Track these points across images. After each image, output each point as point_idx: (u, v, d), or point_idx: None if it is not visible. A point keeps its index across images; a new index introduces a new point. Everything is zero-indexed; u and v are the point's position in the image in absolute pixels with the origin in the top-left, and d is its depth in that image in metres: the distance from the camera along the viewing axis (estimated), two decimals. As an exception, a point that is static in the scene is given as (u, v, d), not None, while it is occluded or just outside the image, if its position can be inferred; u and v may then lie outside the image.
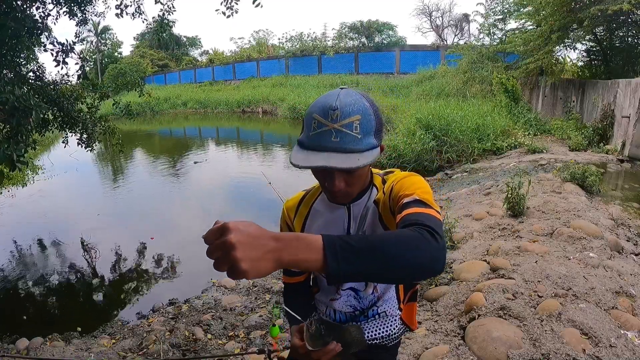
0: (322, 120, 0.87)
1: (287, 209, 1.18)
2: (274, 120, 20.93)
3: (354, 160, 0.85)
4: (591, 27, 9.08)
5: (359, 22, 25.35)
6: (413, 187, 0.94)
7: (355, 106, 0.88)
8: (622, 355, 2.02)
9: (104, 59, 38.30)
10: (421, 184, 0.96)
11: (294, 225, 1.15)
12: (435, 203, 0.92)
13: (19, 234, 6.18)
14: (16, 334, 3.44)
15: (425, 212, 0.84)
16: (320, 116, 0.88)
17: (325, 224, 1.09)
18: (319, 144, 0.87)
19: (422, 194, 0.91)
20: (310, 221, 1.12)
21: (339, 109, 0.86)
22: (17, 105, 3.00)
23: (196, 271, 4.80)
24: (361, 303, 1.14)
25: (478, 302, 2.58)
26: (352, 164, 0.84)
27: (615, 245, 3.48)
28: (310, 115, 0.90)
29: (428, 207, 0.86)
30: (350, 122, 0.87)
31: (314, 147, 0.88)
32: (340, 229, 1.07)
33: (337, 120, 0.86)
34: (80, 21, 5.14)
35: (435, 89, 15.81)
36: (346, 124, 0.87)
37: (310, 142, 0.89)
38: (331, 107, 0.87)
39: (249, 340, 3.08)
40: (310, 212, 1.13)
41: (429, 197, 0.91)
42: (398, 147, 8.46)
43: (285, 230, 1.18)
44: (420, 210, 0.85)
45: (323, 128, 0.87)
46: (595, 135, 8.34)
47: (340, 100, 0.88)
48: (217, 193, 8.54)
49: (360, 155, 0.86)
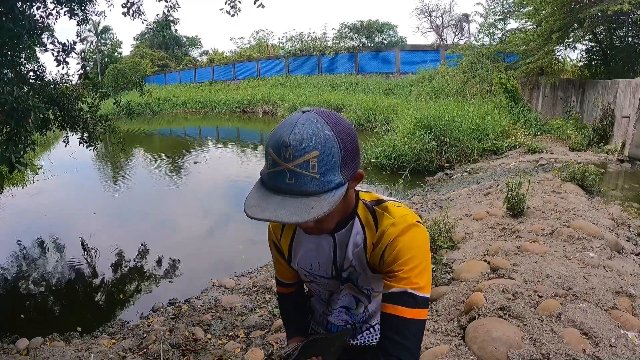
0: (275, 159, 0.76)
1: (273, 227, 1.12)
2: (274, 120, 20.92)
3: (306, 209, 0.74)
4: (591, 27, 9.08)
5: (359, 22, 25.35)
6: (409, 263, 0.88)
7: (312, 140, 0.74)
8: (622, 355, 2.02)
9: (104, 59, 38.31)
10: (420, 253, 0.90)
11: (281, 244, 1.11)
12: (428, 280, 0.90)
13: (19, 234, 6.17)
14: (16, 334, 3.43)
15: (413, 318, 0.87)
16: (274, 152, 0.77)
17: (313, 249, 1.05)
18: (274, 185, 0.78)
19: (417, 281, 0.88)
20: (297, 242, 1.08)
21: (291, 146, 0.74)
22: (16, 106, 3.00)
23: (196, 271, 4.80)
24: (353, 318, 1.14)
25: (478, 302, 2.58)
26: (303, 216, 0.73)
27: (615, 245, 3.48)
28: (267, 148, 0.79)
29: (418, 306, 0.87)
30: (305, 160, 0.74)
31: (271, 187, 0.78)
32: (327, 255, 1.03)
33: (290, 159, 0.74)
34: (81, 21, 5.14)
35: (435, 89, 15.81)
36: (300, 163, 0.74)
37: (268, 181, 0.79)
38: (284, 143, 0.75)
39: (249, 340, 3.08)
40: (295, 234, 1.08)
41: (424, 280, 0.89)
42: (398, 147, 8.46)
43: (273, 247, 1.14)
44: (408, 314, 0.87)
45: (277, 167, 0.76)
46: (595, 135, 8.34)
47: (294, 135, 0.75)
48: (217, 193, 8.54)
49: (316, 201, 0.75)
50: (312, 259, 1.05)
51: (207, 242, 5.84)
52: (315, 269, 1.06)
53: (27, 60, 5.09)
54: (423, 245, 0.91)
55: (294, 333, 1.17)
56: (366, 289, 1.05)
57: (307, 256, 1.06)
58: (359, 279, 1.03)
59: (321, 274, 1.06)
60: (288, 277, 1.18)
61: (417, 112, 9.91)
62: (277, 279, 1.21)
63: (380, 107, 14.60)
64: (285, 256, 1.11)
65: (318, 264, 1.05)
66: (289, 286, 1.21)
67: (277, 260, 1.16)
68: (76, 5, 4.90)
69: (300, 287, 1.23)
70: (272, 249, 1.16)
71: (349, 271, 1.02)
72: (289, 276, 1.18)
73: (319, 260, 1.04)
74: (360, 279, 1.03)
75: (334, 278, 1.06)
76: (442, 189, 7.02)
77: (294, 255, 1.08)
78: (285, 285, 1.21)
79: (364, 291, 1.06)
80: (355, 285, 1.05)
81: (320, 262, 1.05)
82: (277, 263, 1.17)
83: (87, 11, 5.15)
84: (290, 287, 1.21)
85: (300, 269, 1.10)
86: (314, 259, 1.05)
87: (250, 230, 5.73)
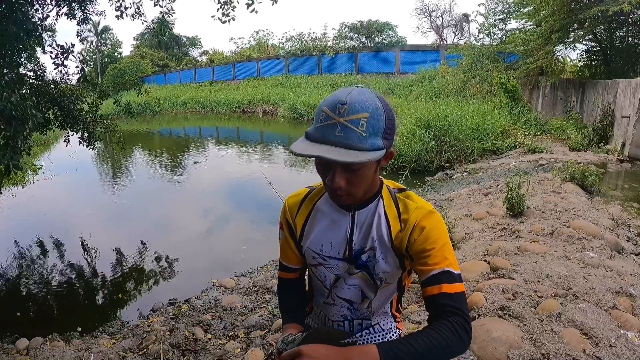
0: (329, 113, 0.87)
1: (289, 205, 1.14)
2: (274, 120, 20.93)
3: (353, 156, 0.84)
4: (591, 27, 9.08)
5: (359, 22, 25.35)
6: (439, 242, 0.95)
7: (365, 104, 0.86)
8: (622, 355, 2.02)
9: (104, 59, 38.31)
10: (445, 235, 0.98)
11: (295, 222, 1.12)
12: (454, 256, 0.97)
13: (18, 234, 6.17)
14: (16, 334, 3.43)
15: (457, 292, 0.92)
16: (328, 109, 0.87)
17: (327, 227, 1.06)
18: (322, 137, 0.87)
19: (449, 259, 0.94)
20: (313, 219, 1.09)
21: (347, 104, 0.85)
22: (15, 114, 3.01)
23: (196, 271, 4.80)
24: (353, 314, 1.14)
25: (478, 302, 2.59)
26: (348, 158, 0.83)
27: (615, 245, 3.48)
28: (320, 108, 0.90)
29: (457, 281, 0.93)
30: (357, 118, 0.85)
31: (317, 139, 0.87)
32: (343, 234, 1.05)
33: (344, 114, 0.85)
34: (81, 21, 5.14)
35: (435, 89, 15.81)
36: (353, 119, 0.85)
37: (315, 134, 0.88)
38: (340, 101, 0.86)
39: (249, 340, 3.08)
40: (312, 210, 1.10)
41: (454, 259, 0.95)
42: (398, 147, 8.45)
43: (285, 227, 1.15)
44: (451, 290, 0.92)
45: (329, 121, 0.86)
46: (595, 135, 8.34)
47: (351, 96, 0.87)
48: (217, 193, 8.54)
49: (361, 153, 0.85)
50: (324, 238, 1.06)
51: (207, 242, 5.84)
52: (327, 249, 1.07)
53: (27, 60, 5.08)
54: (445, 229, 1.00)
55: (291, 320, 1.15)
56: (379, 279, 1.05)
57: (320, 235, 1.07)
58: (376, 266, 1.04)
59: (332, 255, 1.07)
60: (293, 260, 1.18)
61: (417, 112, 9.92)
62: (280, 263, 1.21)
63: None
64: (296, 236, 1.12)
65: (330, 244, 1.06)
66: (292, 271, 1.20)
67: (286, 241, 1.16)
68: (76, 6, 4.90)
69: (302, 276, 1.23)
70: (282, 228, 1.16)
71: (368, 254, 1.03)
72: (295, 260, 1.18)
73: (332, 240, 1.06)
74: (377, 266, 1.03)
75: (346, 260, 1.06)
76: (442, 189, 7.02)
77: (307, 234, 1.09)
78: (288, 270, 1.20)
79: (376, 281, 1.06)
80: (368, 273, 1.05)
81: (333, 242, 1.06)
82: (284, 245, 1.17)
83: (87, 11, 5.15)
84: (293, 273, 1.20)
85: (309, 250, 1.09)
86: (326, 239, 1.06)
87: (252, 231, 5.73)
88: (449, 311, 0.89)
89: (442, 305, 0.90)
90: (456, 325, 0.86)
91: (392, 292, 1.11)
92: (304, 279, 1.25)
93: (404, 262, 1.04)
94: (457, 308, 0.89)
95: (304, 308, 1.23)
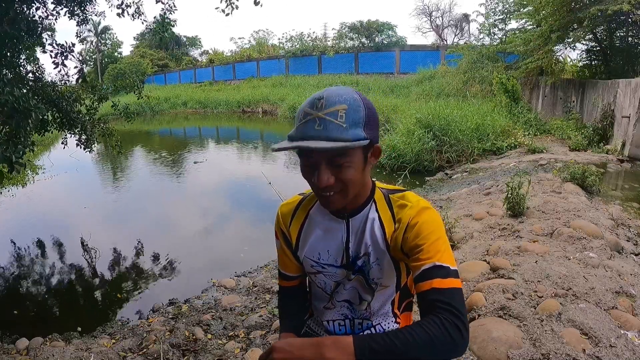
0: (307, 111, 0.88)
1: (282, 214, 1.12)
2: (274, 120, 20.92)
3: (332, 144, 0.83)
4: (591, 27, 9.08)
5: (359, 22, 25.34)
6: (432, 236, 0.91)
7: (343, 97, 0.87)
8: (622, 355, 2.02)
9: (104, 59, 38.32)
10: (439, 230, 0.93)
11: (290, 231, 1.10)
12: (451, 252, 0.91)
13: (18, 234, 6.17)
14: (16, 334, 3.43)
15: (449, 287, 0.85)
16: (307, 106, 0.89)
17: (323, 236, 1.05)
18: (302, 133, 0.87)
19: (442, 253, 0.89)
20: (307, 228, 1.08)
21: (324, 98, 0.86)
22: (17, 107, 3.00)
23: (196, 271, 4.80)
24: (353, 314, 1.13)
25: (478, 302, 2.59)
26: (328, 145, 0.82)
27: (615, 245, 3.48)
28: (300, 109, 0.91)
29: (450, 276, 0.86)
30: (334, 110, 0.85)
31: (299, 137, 0.87)
32: (339, 243, 1.03)
33: (322, 108, 0.86)
34: (81, 21, 5.14)
35: (435, 89, 15.81)
36: (330, 112, 0.85)
37: (296, 133, 0.88)
38: (318, 96, 0.88)
39: (249, 340, 3.08)
40: (307, 219, 1.09)
41: (448, 254, 0.90)
42: (398, 147, 8.45)
43: (280, 236, 1.14)
44: (443, 285, 0.85)
45: (308, 117, 0.87)
46: (595, 135, 8.34)
47: (327, 92, 0.88)
48: (217, 193, 8.54)
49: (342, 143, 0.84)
50: (321, 247, 1.05)
51: (207, 242, 5.84)
52: (324, 257, 1.06)
53: (26, 61, 5.09)
54: (440, 224, 0.96)
55: (288, 327, 1.15)
56: (374, 283, 1.04)
57: (316, 244, 1.05)
58: (371, 271, 1.03)
59: (330, 263, 1.06)
60: (291, 269, 1.17)
61: (417, 112, 9.91)
62: (279, 272, 1.20)
63: (380, 107, 14.58)
64: (292, 245, 1.11)
65: (327, 252, 1.05)
66: (292, 279, 1.19)
67: (282, 251, 1.15)
68: (76, 6, 4.90)
69: (301, 283, 1.22)
70: (278, 238, 1.15)
71: (362, 259, 1.02)
72: (293, 268, 1.17)
73: (328, 248, 1.05)
74: (372, 271, 1.03)
75: (344, 267, 1.05)
76: (442, 189, 7.02)
77: (302, 243, 1.08)
78: (287, 279, 1.19)
79: (371, 285, 1.05)
80: (364, 278, 1.04)
81: (329, 250, 1.05)
82: (281, 254, 1.17)
83: (87, 11, 5.15)
84: (293, 281, 1.20)
85: (306, 259, 1.08)
86: (323, 247, 1.05)
87: (252, 231, 5.73)
88: (438, 307, 0.82)
89: (432, 301, 0.84)
90: (445, 322, 0.79)
91: (390, 294, 1.10)
92: (304, 287, 1.24)
93: (399, 264, 1.02)
94: (447, 304, 0.82)
95: (303, 316, 1.22)
